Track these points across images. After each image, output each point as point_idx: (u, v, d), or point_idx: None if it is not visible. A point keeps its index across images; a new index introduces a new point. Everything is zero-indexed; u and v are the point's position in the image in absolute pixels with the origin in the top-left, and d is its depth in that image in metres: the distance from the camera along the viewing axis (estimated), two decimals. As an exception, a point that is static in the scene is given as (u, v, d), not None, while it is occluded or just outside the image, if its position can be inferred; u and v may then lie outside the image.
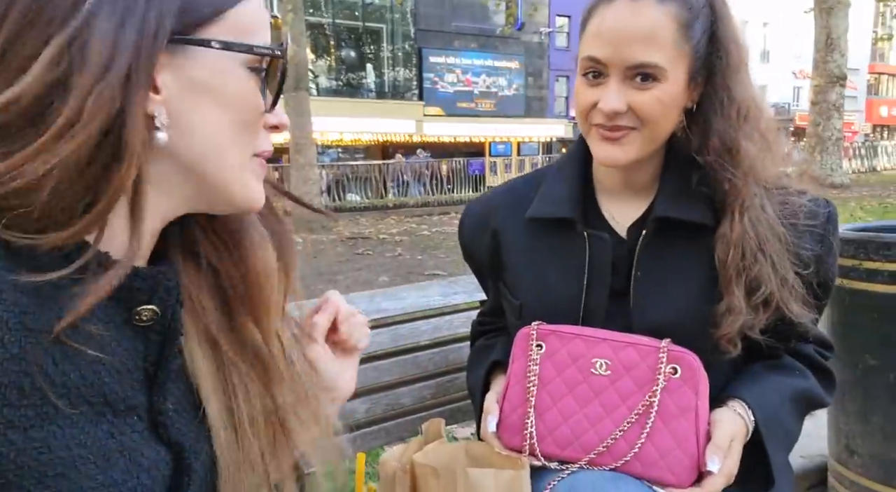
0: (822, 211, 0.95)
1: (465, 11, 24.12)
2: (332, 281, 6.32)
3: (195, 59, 0.51)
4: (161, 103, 0.50)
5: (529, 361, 0.96)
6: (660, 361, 0.89)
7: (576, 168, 1.03)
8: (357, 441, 1.26)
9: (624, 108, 0.88)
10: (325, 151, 23.29)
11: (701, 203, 0.93)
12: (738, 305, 0.88)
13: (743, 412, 0.91)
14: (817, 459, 2.11)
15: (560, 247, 1.00)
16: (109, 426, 0.49)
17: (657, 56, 0.86)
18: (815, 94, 12.23)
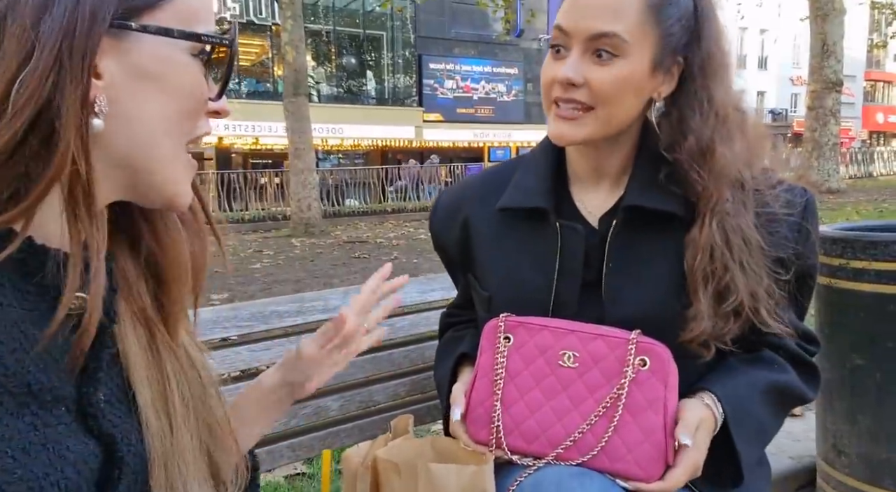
0: (798, 200, 0.93)
1: (464, 19, 24.20)
2: (328, 284, 6.31)
3: (140, 45, 0.50)
4: (103, 90, 0.49)
5: (497, 353, 0.94)
6: (629, 352, 0.88)
7: (549, 158, 1.01)
8: (329, 438, 1.24)
9: (580, 79, 0.87)
10: (325, 156, 23.34)
11: (672, 194, 0.91)
12: (703, 312, 0.86)
13: (711, 403, 0.88)
14: (806, 460, 2.09)
15: (531, 238, 0.98)
16: (33, 418, 0.47)
17: (619, 27, 0.85)
18: (811, 100, 12.25)
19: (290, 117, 11.01)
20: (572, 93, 0.88)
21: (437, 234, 1.12)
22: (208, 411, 0.61)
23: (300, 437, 1.21)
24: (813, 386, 0.98)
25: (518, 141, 25.89)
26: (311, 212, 11.42)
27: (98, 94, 0.48)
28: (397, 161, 23.60)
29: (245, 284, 6.46)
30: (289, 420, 1.19)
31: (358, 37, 23.61)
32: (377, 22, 23.54)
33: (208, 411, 0.61)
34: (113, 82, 0.49)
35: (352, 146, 23.64)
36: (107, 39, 0.48)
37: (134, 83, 0.50)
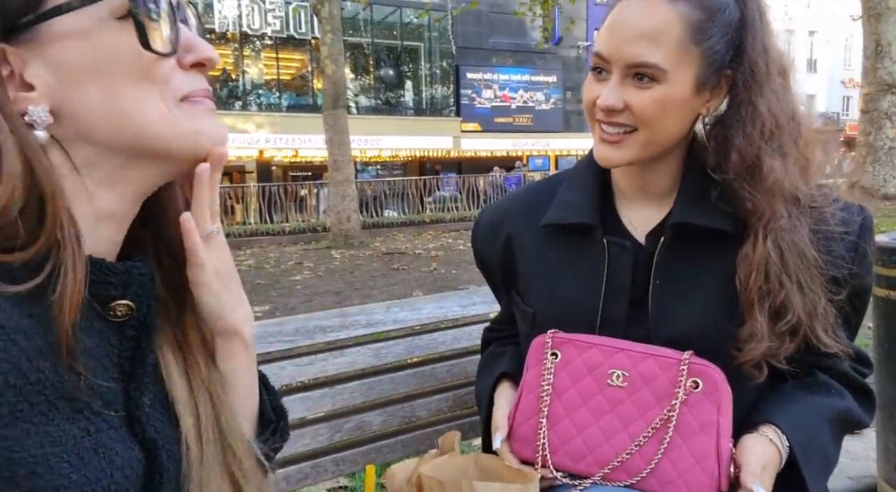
0: (855, 218, 0.90)
1: (502, 28, 24.25)
2: (368, 296, 6.36)
3: (50, 37, 0.49)
4: (39, 99, 0.49)
5: (544, 369, 0.93)
6: (680, 373, 0.85)
7: (593, 173, 0.99)
8: (372, 454, 1.24)
9: (620, 105, 0.86)
10: (364, 168, 23.62)
11: (721, 210, 0.88)
12: (759, 332, 0.83)
13: (776, 438, 0.85)
14: (865, 480, 2.00)
15: (577, 254, 0.96)
16: (86, 423, 0.48)
17: (657, 56, 0.83)
18: (865, 103, 11.81)
19: (329, 130, 11.19)
20: (614, 117, 0.87)
21: (479, 250, 1.12)
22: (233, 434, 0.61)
23: (343, 451, 1.22)
24: (869, 411, 0.95)
25: (557, 149, 25.73)
26: (350, 223, 11.56)
27: (31, 108, 0.48)
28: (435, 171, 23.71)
29: (286, 296, 6.57)
30: (332, 435, 1.20)
31: (396, 48, 23.90)
32: (415, 33, 23.79)
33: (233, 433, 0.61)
34: (49, 87, 0.49)
35: (390, 157, 23.87)
36: (16, 48, 0.48)
37: (71, 75, 0.49)
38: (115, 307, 0.52)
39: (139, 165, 0.54)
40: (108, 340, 0.52)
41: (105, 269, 0.51)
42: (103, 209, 0.53)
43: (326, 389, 1.21)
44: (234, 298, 0.62)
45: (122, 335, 0.53)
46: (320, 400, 1.20)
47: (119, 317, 0.52)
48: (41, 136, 0.49)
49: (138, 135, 0.52)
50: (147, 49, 0.50)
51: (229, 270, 0.62)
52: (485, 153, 24.56)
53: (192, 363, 0.60)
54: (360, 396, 1.23)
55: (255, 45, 21.62)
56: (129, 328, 0.54)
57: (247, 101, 21.61)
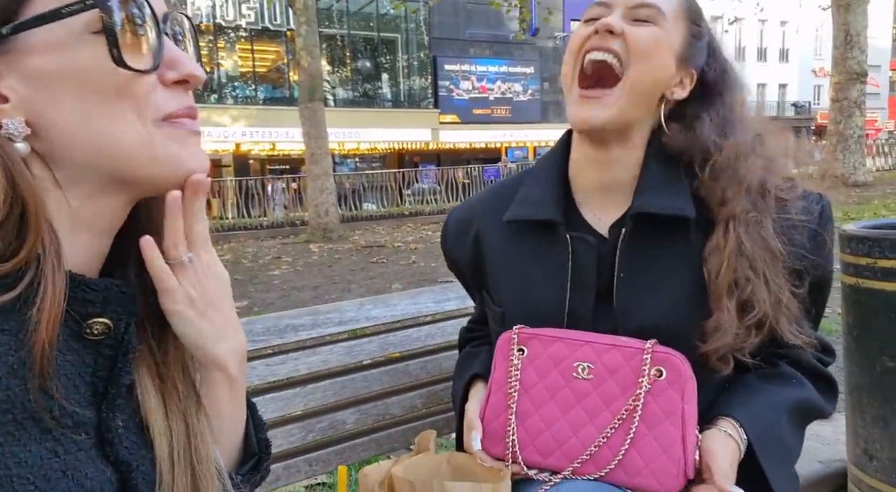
0: (814, 207, 0.92)
1: (479, 19, 24.17)
2: (346, 290, 6.33)
3: (28, 48, 0.47)
4: (14, 111, 0.47)
5: (511, 366, 0.93)
6: (644, 362, 0.86)
7: (554, 169, 1.00)
8: (346, 453, 1.23)
9: (620, 28, 0.88)
10: (342, 160, 23.46)
11: (681, 198, 0.89)
12: (727, 324, 0.84)
13: (734, 432, 0.86)
14: (836, 464, 2.04)
15: (541, 250, 0.97)
16: (54, 444, 0.47)
17: (660, 1, 0.89)
18: (835, 92, 12.03)
19: (306, 123, 11.08)
20: (608, 41, 0.88)
21: (449, 251, 1.11)
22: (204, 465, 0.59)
23: (317, 451, 1.20)
24: (831, 400, 0.97)
25: (535, 140, 25.79)
26: (328, 217, 11.48)
27: (4, 119, 0.47)
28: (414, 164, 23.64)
29: (264, 291, 6.51)
30: (305, 435, 1.19)
31: (372, 40, 23.71)
32: (391, 24, 23.62)
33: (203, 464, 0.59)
34: (23, 99, 0.47)
35: (368, 150, 23.74)
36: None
37: (41, 92, 0.48)
38: (91, 325, 0.50)
39: (120, 185, 0.52)
40: (82, 359, 0.50)
41: (83, 285, 0.49)
42: (85, 221, 0.52)
43: (298, 388, 1.20)
44: (216, 328, 0.58)
45: (98, 354, 0.52)
46: (292, 400, 1.19)
47: (95, 335, 0.51)
48: (21, 148, 0.47)
49: (114, 157, 0.50)
50: (120, 65, 0.48)
51: (211, 298, 0.58)
52: (463, 145, 24.54)
53: (170, 387, 0.58)
54: (332, 395, 1.22)
55: (229, 37, 21.29)
56: (106, 347, 0.52)
57: (222, 94, 21.30)
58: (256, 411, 0.70)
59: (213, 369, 0.60)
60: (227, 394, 0.61)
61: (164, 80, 0.52)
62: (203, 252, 0.58)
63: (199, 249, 0.58)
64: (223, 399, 0.60)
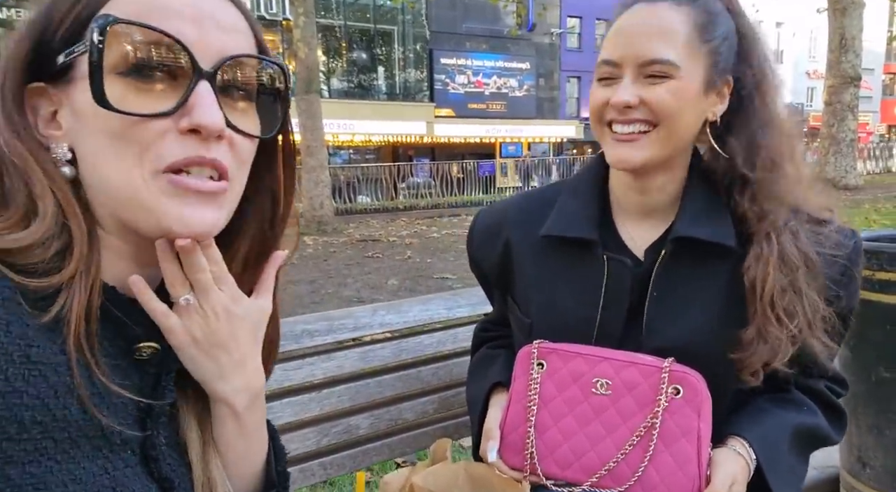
0: (848, 242, 0.92)
1: (476, 13, 24.11)
2: (343, 284, 6.34)
3: (72, 86, 0.51)
4: (62, 139, 0.51)
5: (530, 379, 0.95)
6: (662, 380, 0.88)
7: (593, 185, 1.00)
8: (359, 457, 1.25)
9: (636, 101, 0.87)
10: (336, 152, 23.36)
11: (725, 224, 0.90)
12: (771, 333, 0.85)
13: (744, 451, 0.88)
14: (829, 470, 2.08)
15: (576, 267, 0.97)
16: (105, 461, 0.49)
17: (670, 52, 0.86)
18: (828, 95, 12.10)
19: (301, 115, 11.02)
20: (630, 114, 0.88)
21: (476, 254, 1.12)
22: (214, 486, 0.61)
23: (331, 455, 1.23)
24: (839, 429, 0.99)
25: (529, 136, 25.81)
26: (323, 210, 11.46)
27: (55, 144, 0.50)
28: (408, 157, 23.60)
29: (261, 284, 6.48)
30: (320, 439, 1.21)
31: (369, 32, 23.59)
32: (388, 16, 23.50)
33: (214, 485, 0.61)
34: (69, 129, 0.51)
35: (363, 142, 23.65)
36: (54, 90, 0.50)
37: (79, 124, 0.50)
38: (141, 349, 0.53)
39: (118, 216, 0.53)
40: (129, 377, 0.52)
41: (128, 308, 0.52)
42: (123, 251, 0.54)
43: (314, 393, 1.22)
44: (221, 368, 0.58)
45: (144, 373, 0.54)
46: (308, 404, 1.20)
47: (144, 357, 0.53)
48: (68, 171, 0.50)
49: (113, 198, 0.51)
50: (101, 105, 0.47)
51: (218, 339, 0.57)
52: (458, 139, 24.51)
53: (206, 416, 0.60)
54: (347, 399, 1.24)
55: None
56: (151, 366, 0.54)
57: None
58: (278, 440, 0.70)
59: (221, 404, 0.60)
60: (233, 428, 0.61)
61: (179, 127, 0.50)
62: (213, 293, 0.56)
63: (206, 292, 0.55)
64: (229, 433, 0.61)
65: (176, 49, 0.48)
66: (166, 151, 0.49)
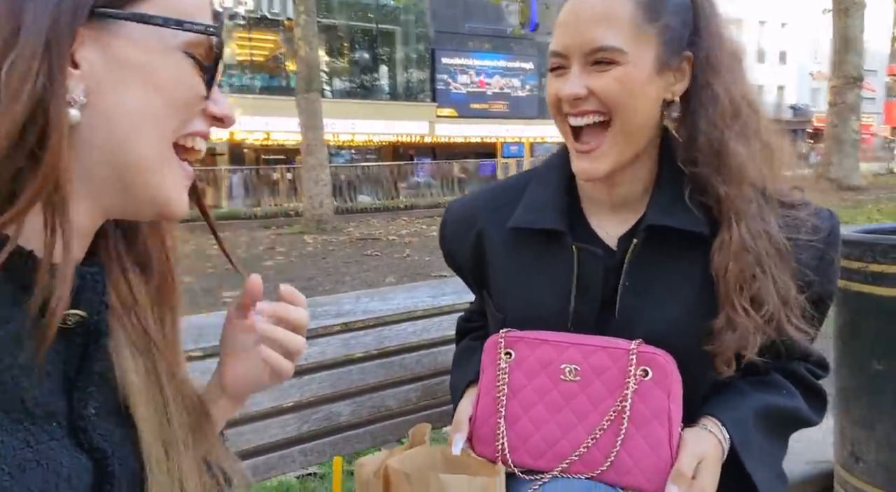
0: (824, 225, 0.90)
1: (478, 13, 24.10)
2: (340, 282, 6.33)
3: (123, 35, 0.49)
4: (79, 80, 0.48)
5: (498, 369, 0.93)
6: (630, 363, 0.86)
7: (560, 174, 0.98)
8: (340, 444, 1.24)
9: (583, 91, 0.85)
10: (337, 152, 23.39)
11: (696, 212, 0.88)
12: (738, 322, 0.83)
13: (716, 430, 0.87)
14: (823, 465, 2.06)
15: (546, 259, 0.95)
16: (26, 434, 0.47)
17: (613, 38, 0.83)
18: (832, 96, 12.09)
19: (302, 114, 11.04)
20: (581, 106, 0.86)
21: (449, 248, 1.10)
22: (204, 436, 0.61)
23: (312, 442, 1.21)
24: (819, 411, 0.97)
25: (532, 136, 25.79)
26: (323, 208, 11.46)
27: (73, 84, 0.47)
28: (409, 157, 23.61)
29: (258, 280, 6.48)
30: (301, 425, 1.20)
31: (371, 31, 23.60)
32: (390, 16, 23.51)
33: (203, 435, 0.61)
34: (92, 72, 0.48)
35: (364, 142, 23.67)
36: (86, 29, 0.47)
37: (114, 74, 0.49)
38: (65, 317, 0.49)
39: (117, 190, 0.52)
40: (54, 348, 0.49)
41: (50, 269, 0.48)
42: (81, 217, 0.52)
43: (294, 379, 1.20)
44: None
45: (70, 342, 0.51)
46: (288, 390, 1.19)
47: (69, 325, 0.50)
48: (74, 114, 0.47)
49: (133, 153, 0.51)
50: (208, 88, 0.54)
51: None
52: (460, 139, 24.52)
53: (161, 367, 0.58)
54: (328, 386, 1.23)
55: (227, 25, 21.12)
56: (77, 336, 0.52)
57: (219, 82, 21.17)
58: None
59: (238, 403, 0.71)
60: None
61: (207, 110, 0.55)
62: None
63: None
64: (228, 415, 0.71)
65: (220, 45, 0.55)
66: (195, 124, 0.54)
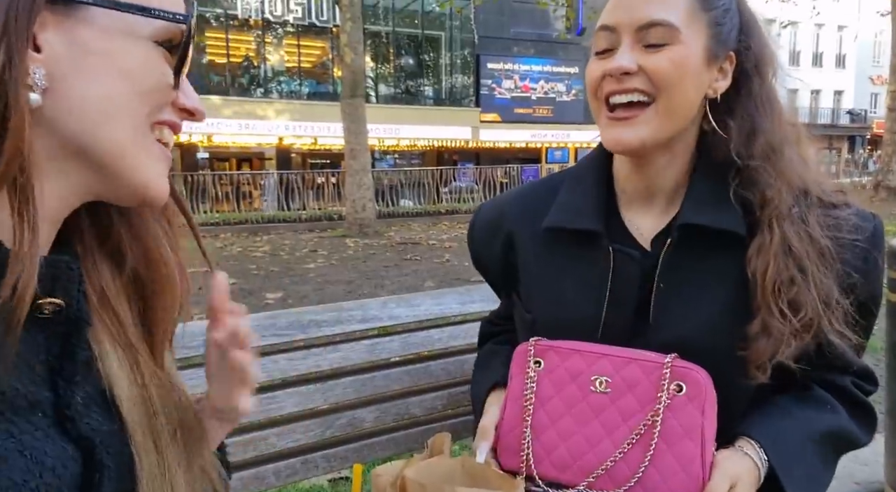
0: (867, 225, 0.87)
1: (524, 18, 24.01)
2: (380, 286, 6.37)
3: (88, 21, 0.49)
4: (40, 63, 0.47)
5: (527, 378, 0.91)
6: (663, 377, 0.83)
7: (596, 174, 0.96)
8: (364, 451, 1.23)
9: (634, 67, 0.82)
10: (382, 157, 23.63)
11: (733, 211, 0.85)
12: (774, 327, 0.79)
13: (752, 452, 0.82)
14: (873, 485, 1.96)
15: (580, 260, 0.93)
16: (8, 425, 0.47)
17: (669, 14, 0.82)
18: (892, 101, 11.56)
19: (346, 119, 11.18)
20: (627, 82, 0.83)
21: (477, 251, 1.08)
22: (191, 435, 0.60)
23: (335, 448, 1.21)
24: (867, 429, 0.91)
25: (577, 142, 25.50)
26: (365, 212, 11.58)
27: (34, 67, 0.47)
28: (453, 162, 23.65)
29: (299, 283, 6.60)
30: (324, 431, 1.19)
31: (416, 37, 23.79)
32: (436, 22, 23.65)
33: (191, 434, 0.60)
34: (54, 56, 0.48)
35: (408, 146, 23.84)
36: (49, 12, 0.47)
37: (80, 59, 0.49)
38: (41, 305, 0.49)
39: (89, 174, 0.52)
40: (34, 338, 0.50)
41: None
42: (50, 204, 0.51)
43: (319, 384, 1.20)
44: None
45: (51, 332, 0.51)
46: (312, 395, 1.19)
47: (46, 314, 0.50)
48: (35, 98, 0.47)
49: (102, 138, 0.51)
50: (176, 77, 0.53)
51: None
52: (503, 144, 24.44)
53: (141, 359, 0.58)
54: (353, 392, 1.23)
55: (276, 33, 21.63)
56: (58, 325, 0.51)
57: (268, 88, 21.69)
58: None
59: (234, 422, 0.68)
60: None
61: (176, 102, 0.55)
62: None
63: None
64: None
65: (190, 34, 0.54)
66: (165, 113, 0.54)
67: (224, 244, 10.45)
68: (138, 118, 0.52)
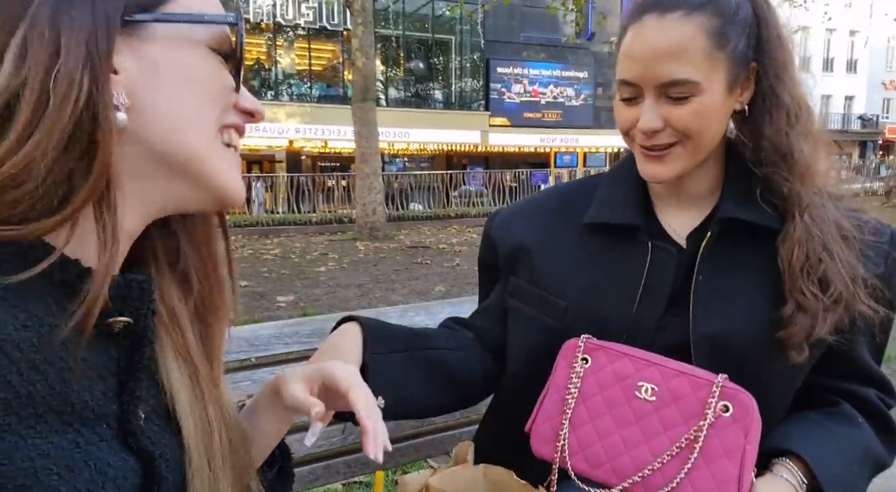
0: (884, 228, 0.91)
1: (534, 22, 24.06)
2: (390, 289, 6.40)
3: (152, 38, 0.52)
4: (120, 85, 0.50)
5: (572, 372, 0.93)
6: (711, 395, 0.84)
7: (635, 173, 0.99)
8: (384, 456, 1.25)
9: (661, 125, 0.86)
10: (391, 160, 23.71)
11: (767, 207, 0.89)
12: (808, 305, 0.84)
13: (791, 478, 0.83)
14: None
15: (617, 254, 0.96)
16: (75, 436, 0.48)
17: (688, 71, 0.83)
18: (906, 106, 11.48)
19: (357, 122, 11.24)
20: (657, 139, 0.88)
21: (496, 231, 1.09)
22: (239, 455, 0.62)
23: (356, 454, 1.23)
24: (891, 448, 0.92)
25: (585, 146, 25.51)
26: (375, 216, 11.62)
27: (116, 89, 0.50)
28: (462, 166, 23.70)
29: (310, 286, 6.63)
30: (346, 437, 1.21)
31: (427, 41, 23.89)
32: (446, 27, 23.74)
33: (238, 455, 0.62)
34: (130, 76, 0.51)
35: (418, 150, 23.92)
36: (120, 36, 0.50)
37: (152, 74, 0.52)
38: (112, 323, 0.52)
39: (169, 182, 0.55)
40: (105, 352, 0.52)
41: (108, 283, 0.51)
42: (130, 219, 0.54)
43: (341, 391, 1.22)
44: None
45: (119, 347, 0.54)
46: (335, 402, 1.21)
47: (116, 331, 0.53)
48: (121, 117, 0.50)
49: (180, 143, 0.54)
50: (236, 81, 0.57)
51: None
52: (513, 148, 24.46)
53: (201, 377, 0.60)
54: (374, 399, 1.24)
55: (288, 36, 21.80)
56: (125, 339, 0.54)
57: (278, 91, 21.83)
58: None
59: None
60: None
61: (238, 105, 0.58)
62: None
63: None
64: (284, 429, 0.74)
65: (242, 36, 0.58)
66: (230, 116, 0.58)
67: (235, 246, 10.51)
68: (210, 123, 0.55)
